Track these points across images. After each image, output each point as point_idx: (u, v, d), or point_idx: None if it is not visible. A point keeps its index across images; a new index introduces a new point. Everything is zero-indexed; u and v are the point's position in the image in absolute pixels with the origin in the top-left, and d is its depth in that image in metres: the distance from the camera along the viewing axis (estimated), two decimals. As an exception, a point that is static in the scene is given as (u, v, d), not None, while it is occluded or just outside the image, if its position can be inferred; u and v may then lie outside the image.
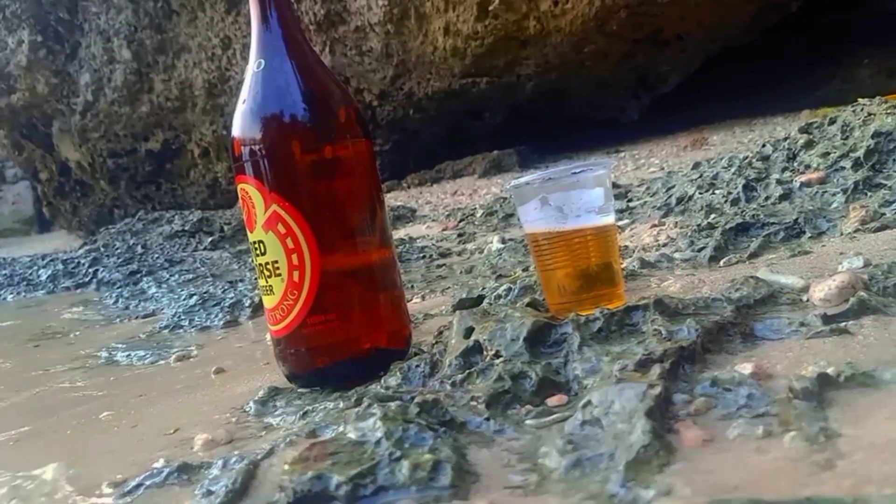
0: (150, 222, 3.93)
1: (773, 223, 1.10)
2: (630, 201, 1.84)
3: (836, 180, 1.28)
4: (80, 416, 0.86)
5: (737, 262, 0.99)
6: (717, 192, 1.52)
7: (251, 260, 1.09)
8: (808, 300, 0.70)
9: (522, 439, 0.52)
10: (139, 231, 3.83)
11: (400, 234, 2.52)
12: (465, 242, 2.01)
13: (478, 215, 2.42)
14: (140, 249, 3.30)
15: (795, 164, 1.43)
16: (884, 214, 1.04)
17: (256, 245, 0.75)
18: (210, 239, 3.27)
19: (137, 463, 0.62)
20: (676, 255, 1.08)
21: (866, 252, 0.84)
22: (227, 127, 1.24)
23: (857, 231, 1.01)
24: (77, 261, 3.06)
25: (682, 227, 1.30)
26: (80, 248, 3.89)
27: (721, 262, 1.00)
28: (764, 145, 1.60)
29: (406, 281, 1.44)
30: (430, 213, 3.09)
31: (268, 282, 0.74)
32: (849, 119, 1.49)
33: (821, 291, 0.69)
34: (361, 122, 0.78)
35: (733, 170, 1.59)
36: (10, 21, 5.88)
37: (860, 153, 1.28)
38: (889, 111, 1.42)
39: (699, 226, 1.21)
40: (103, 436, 0.76)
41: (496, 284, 1.04)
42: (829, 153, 1.37)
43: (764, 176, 1.43)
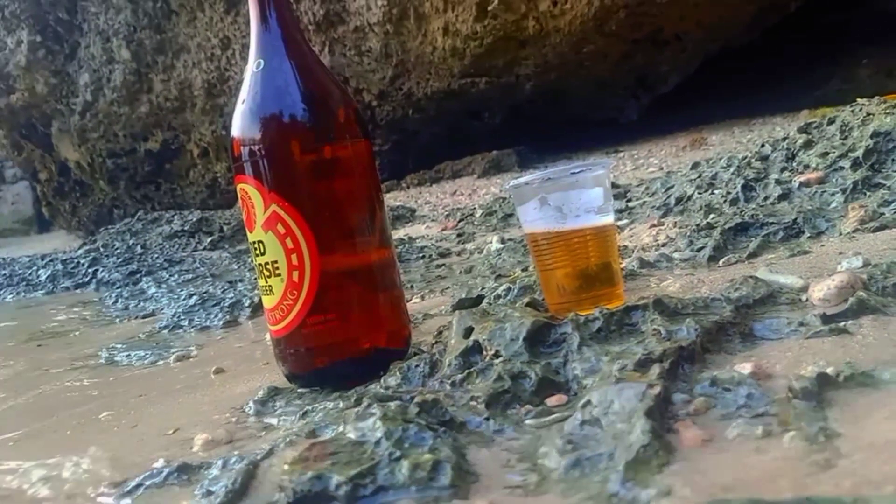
0: (150, 222, 3.93)
1: (773, 223, 1.10)
2: (629, 201, 1.84)
3: (835, 180, 1.28)
4: (80, 417, 0.86)
5: (736, 262, 0.99)
6: (716, 192, 1.52)
7: (251, 260, 1.10)
8: (807, 300, 0.70)
9: (522, 439, 0.52)
10: (139, 231, 3.82)
11: (399, 234, 2.52)
12: (464, 242, 2.01)
13: (477, 215, 2.42)
14: (139, 249, 3.30)
15: (794, 164, 1.43)
16: (883, 214, 1.04)
17: (256, 245, 0.75)
18: (210, 239, 3.27)
19: (137, 463, 0.62)
20: (675, 255, 1.08)
21: (865, 252, 0.84)
22: (227, 127, 1.24)
23: (856, 231, 1.01)
24: (76, 261, 3.06)
25: (681, 227, 1.30)
26: (79, 249, 3.88)
27: (720, 262, 1.01)
28: (763, 145, 1.60)
29: (405, 281, 1.44)
30: (429, 214, 3.09)
31: (267, 282, 0.74)
32: (848, 119, 1.49)
33: (820, 291, 0.69)
34: (360, 123, 0.78)
35: (732, 170, 1.59)
36: (9, 21, 5.88)
37: (859, 153, 1.28)
38: (888, 111, 1.42)
39: (698, 226, 1.21)
40: (103, 436, 0.76)
41: (495, 284, 1.04)
42: (828, 153, 1.37)
43: (763, 176, 1.43)
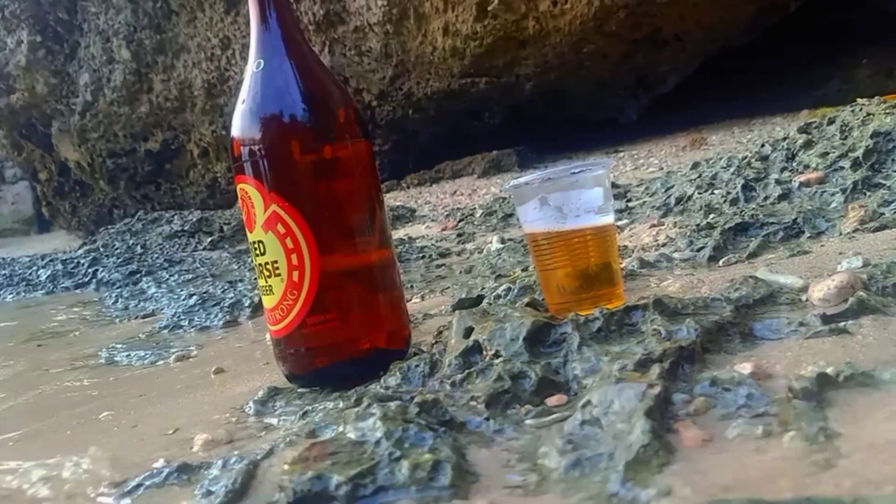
0: (150, 222, 3.93)
1: (772, 223, 1.10)
2: (629, 201, 1.84)
3: (834, 180, 1.28)
4: (80, 417, 0.86)
5: (736, 262, 0.99)
6: (716, 192, 1.52)
7: (251, 260, 1.09)
8: (807, 300, 0.70)
9: (522, 439, 0.52)
10: (139, 231, 3.82)
11: (399, 234, 2.52)
12: (464, 242, 2.01)
13: (477, 215, 2.42)
14: (139, 249, 3.30)
15: (794, 164, 1.43)
16: (883, 214, 1.04)
17: (256, 245, 0.75)
18: (209, 239, 3.27)
19: (137, 463, 0.62)
20: (675, 255, 1.08)
21: (865, 252, 0.84)
22: (227, 127, 1.23)
23: (856, 231, 1.01)
24: (76, 261, 3.06)
25: (681, 227, 1.30)
26: (79, 249, 3.88)
27: (720, 262, 1.01)
28: (763, 145, 1.60)
29: (405, 281, 1.44)
30: (429, 213, 3.09)
31: (267, 282, 0.74)
32: (848, 119, 1.49)
33: (820, 291, 0.69)
34: (361, 123, 0.78)
35: (732, 170, 1.59)
36: (9, 21, 5.88)
37: (859, 153, 1.28)
38: (888, 111, 1.42)
39: (698, 226, 1.21)
40: (103, 436, 0.76)
41: (495, 284, 1.04)
42: (827, 153, 1.37)
43: (763, 176, 1.43)
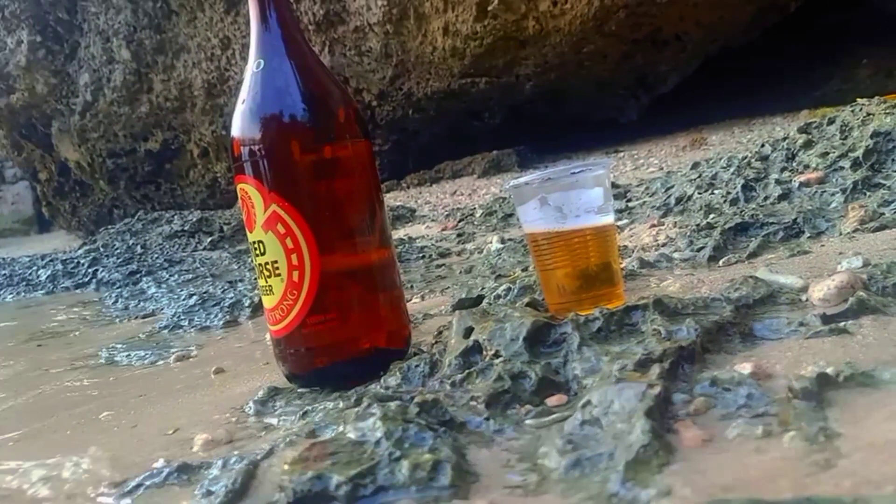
0: (150, 222, 3.93)
1: (772, 223, 1.10)
2: (629, 201, 1.84)
3: (834, 180, 1.28)
4: (80, 417, 0.86)
5: (736, 262, 0.99)
6: (716, 192, 1.52)
7: (251, 260, 1.09)
8: (807, 300, 0.70)
9: (522, 439, 0.52)
10: (139, 231, 3.82)
11: (399, 234, 2.52)
12: (464, 242, 2.01)
13: (477, 215, 2.42)
14: (139, 249, 3.30)
15: (794, 164, 1.43)
16: (883, 214, 1.04)
17: (256, 245, 0.75)
18: (209, 239, 3.27)
19: (137, 463, 0.62)
20: (676, 255, 1.08)
21: (865, 252, 0.84)
22: (227, 127, 1.23)
23: (856, 231, 1.01)
24: (76, 261, 3.06)
25: (681, 227, 1.30)
26: (79, 249, 3.88)
27: (720, 262, 1.01)
28: (763, 145, 1.60)
29: (405, 281, 1.44)
30: (429, 213, 3.09)
31: (267, 282, 0.74)
32: (847, 119, 1.49)
33: (820, 291, 0.69)
34: (361, 123, 0.78)
35: (732, 170, 1.59)
36: (9, 21, 5.87)
37: (859, 153, 1.28)
38: (888, 111, 1.42)
39: (698, 226, 1.21)
40: (103, 436, 0.76)
41: (495, 284, 1.04)
42: (827, 153, 1.37)
43: (763, 176, 1.43)
